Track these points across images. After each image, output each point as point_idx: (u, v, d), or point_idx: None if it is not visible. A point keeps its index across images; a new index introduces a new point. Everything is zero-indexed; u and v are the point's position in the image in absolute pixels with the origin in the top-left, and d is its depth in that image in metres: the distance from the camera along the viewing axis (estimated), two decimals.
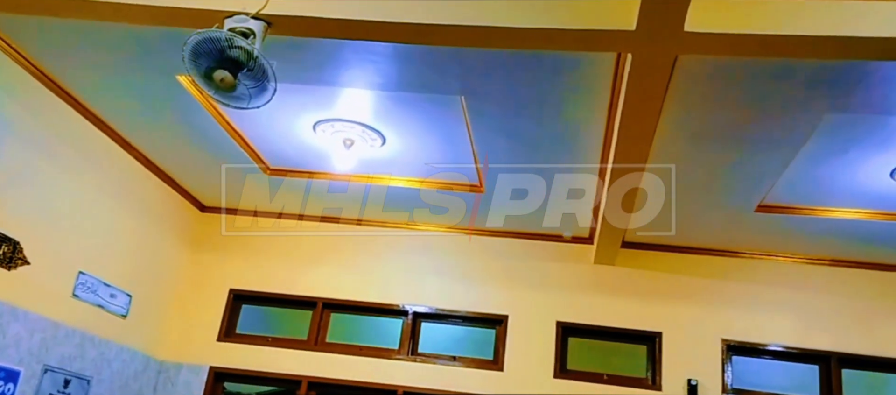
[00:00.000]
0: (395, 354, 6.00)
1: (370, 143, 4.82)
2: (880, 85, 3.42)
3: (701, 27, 2.94)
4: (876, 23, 2.81)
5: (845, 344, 5.58)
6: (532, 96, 3.99)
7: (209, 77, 3.10)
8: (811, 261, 5.86)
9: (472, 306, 6.08)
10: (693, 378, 5.56)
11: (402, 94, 4.16)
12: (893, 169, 4.26)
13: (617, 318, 5.89)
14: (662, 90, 3.45)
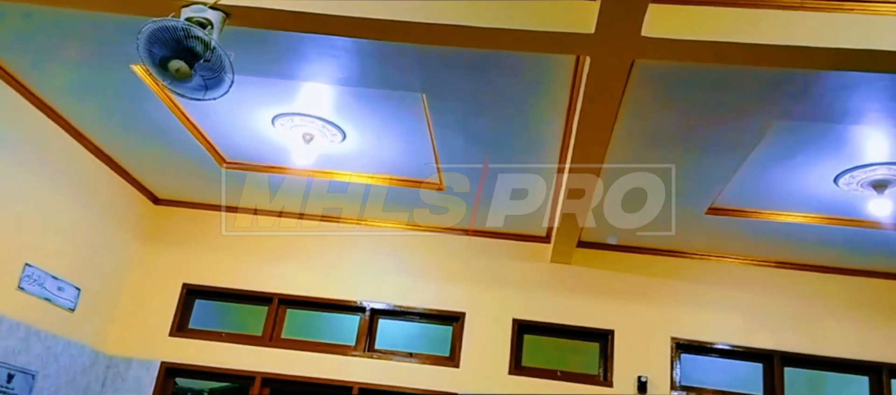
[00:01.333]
0: (351, 350, 5.98)
1: (330, 138, 4.79)
2: (826, 94, 3.55)
3: (657, 33, 3.02)
4: (823, 33, 2.92)
5: (788, 343, 5.78)
6: (493, 96, 4.03)
7: (164, 67, 3.04)
8: (758, 262, 6.04)
9: (430, 303, 6.10)
10: (643, 375, 5.69)
11: (363, 89, 4.15)
12: (837, 175, 4.42)
13: (571, 316, 5.98)
14: (619, 93, 3.52)
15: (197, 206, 6.46)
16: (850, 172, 4.35)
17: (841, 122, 3.80)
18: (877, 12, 2.90)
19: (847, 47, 2.91)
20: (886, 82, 3.35)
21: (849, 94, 3.52)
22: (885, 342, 5.70)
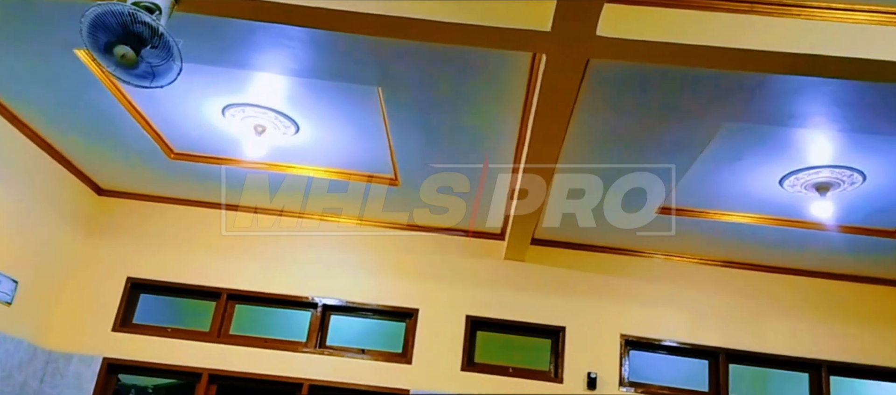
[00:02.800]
0: (301, 347, 5.90)
1: (283, 130, 4.71)
2: (773, 97, 3.63)
3: (612, 33, 3.04)
4: (771, 38, 2.99)
5: (733, 340, 5.92)
6: (449, 91, 4.01)
7: (109, 52, 2.94)
8: (705, 261, 6.18)
9: (383, 299, 6.06)
10: (592, 372, 5.76)
11: (318, 81, 4.08)
12: (782, 177, 4.54)
13: (524, 313, 6.02)
14: (574, 92, 3.54)
15: (143, 197, 6.28)
16: (795, 175, 4.47)
17: (787, 125, 3.90)
18: (823, 18, 2.97)
19: (794, 52, 2.97)
20: (831, 87, 3.44)
21: (795, 97, 3.61)
22: (824, 339, 5.89)
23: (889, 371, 5.81)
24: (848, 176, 4.39)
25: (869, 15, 2.95)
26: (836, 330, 5.93)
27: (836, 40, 2.95)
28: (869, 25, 2.96)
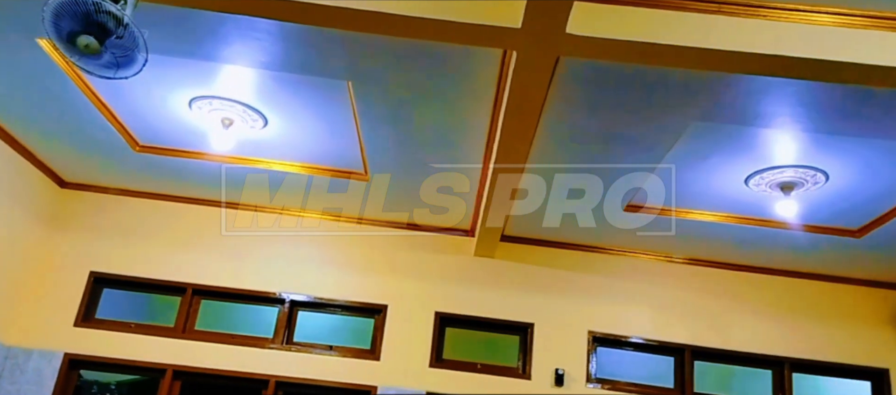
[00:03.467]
0: (268, 343, 5.84)
1: (251, 123, 4.65)
2: (740, 97, 3.68)
3: (582, 31, 3.06)
4: (738, 38, 3.03)
5: (698, 338, 6.00)
6: (420, 87, 3.99)
7: (72, 42, 2.87)
8: (671, 259, 6.25)
9: (352, 295, 6.02)
10: (560, 368, 5.80)
11: (287, 74, 4.03)
12: (748, 176, 4.61)
13: (493, 309, 6.03)
14: (544, 89, 3.55)
15: (107, 191, 6.17)
16: (760, 174, 4.55)
17: (753, 124, 3.96)
18: (788, 20, 3.02)
19: (759, 52, 3.02)
20: (795, 88, 3.50)
21: (761, 97, 3.67)
22: (787, 337, 6.00)
23: (849, 368, 5.94)
24: (811, 176, 4.48)
25: (832, 17, 3.00)
26: (799, 328, 6.04)
27: (800, 41, 3.00)
28: (832, 27, 3.01)
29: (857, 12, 3.00)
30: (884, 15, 2.99)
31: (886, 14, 2.99)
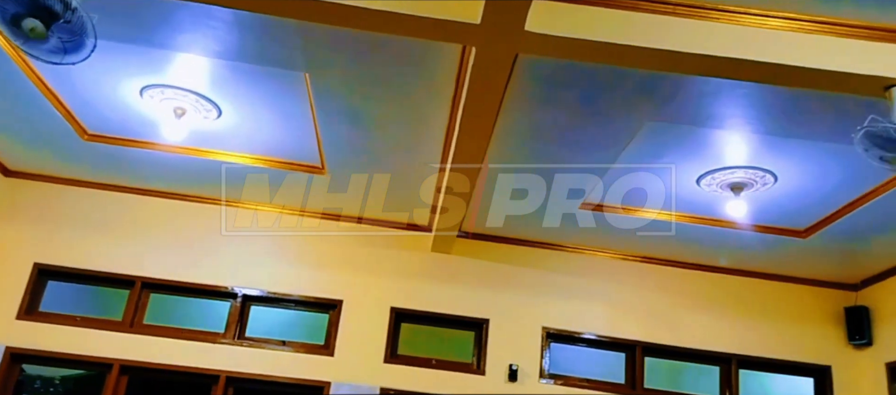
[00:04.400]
0: (220, 338, 5.74)
1: (204, 114, 4.55)
2: (693, 98, 3.75)
3: (540, 28, 3.08)
4: (691, 40, 3.08)
5: (650, 334, 6.11)
6: (379, 81, 3.96)
7: (17, 25, 2.78)
8: (625, 257, 6.34)
9: (307, 290, 5.96)
10: (514, 364, 5.84)
11: (242, 64, 3.96)
12: (700, 176, 4.70)
13: (449, 305, 6.03)
14: (502, 86, 3.56)
15: (54, 180, 5.98)
16: (712, 174, 4.64)
17: (705, 125, 4.04)
18: (740, 23, 3.09)
19: (711, 54, 3.08)
20: (746, 90, 3.58)
21: (713, 99, 3.74)
22: (735, 334, 6.15)
23: (793, 365, 6.12)
24: (761, 177, 4.59)
25: (782, 21, 3.08)
26: (746, 325, 6.20)
27: (751, 45, 3.07)
28: (782, 31, 3.09)
29: (806, 17, 3.08)
30: (832, 20, 3.07)
31: (834, 20, 3.07)
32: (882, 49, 3.10)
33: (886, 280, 5.94)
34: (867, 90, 3.18)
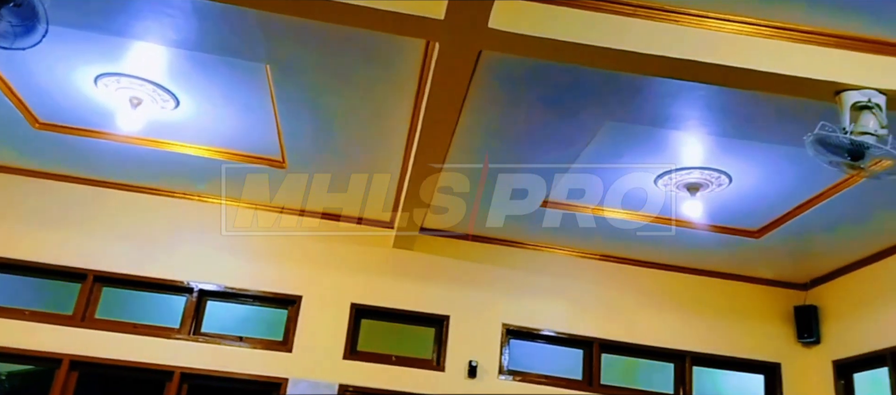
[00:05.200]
0: (174, 333, 5.63)
1: (161, 104, 4.46)
2: (652, 99, 3.81)
3: (504, 26, 3.09)
4: (651, 41, 3.12)
5: (607, 331, 6.19)
6: (341, 75, 3.93)
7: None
8: (584, 255, 6.41)
9: (265, 285, 5.89)
10: (473, 360, 5.86)
11: (201, 54, 3.89)
12: (657, 176, 4.78)
13: (410, 301, 6.02)
14: (466, 83, 3.57)
15: (2, 169, 5.81)
16: (669, 174, 4.72)
17: (663, 126, 4.11)
18: (699, 26, 3.14)
19: (671, 56, 3.13)
20: (704, 92, 3.65)
21: (671, 100, 3.80)
22: (688, 332, 6.28)
23: (745, 362, 6.27)
24: (716, 178, 4.69)
25: (739, 25, 3.15)
26: (700, 323, 6.33)
27: (708, 47, 3.13)
28: (739, 35, 3.15)
29: (762, 22, 3.15)
30: (787, 26, 3.15)
31: (789, 25, 3.15)
32: (833, 55, 3.19)
33: (834, 280, 6.12)
34: (818, 95, 3.27)
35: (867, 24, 3.09)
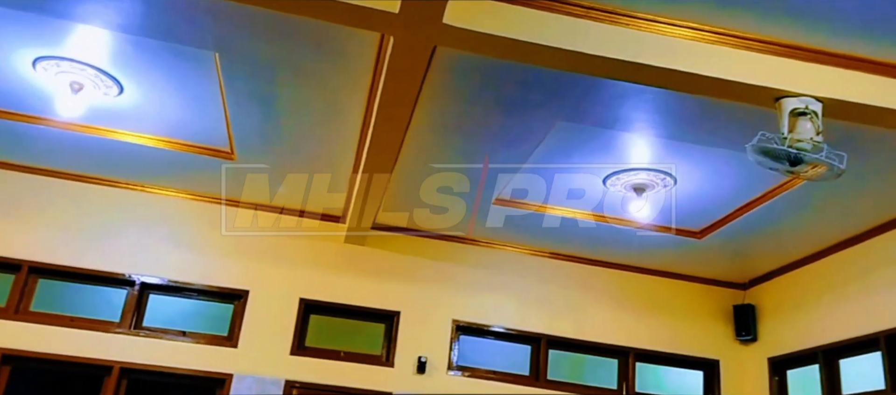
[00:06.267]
0: (114, 327, 5.47)
1: (104, 90, 4.32)
2: (602, 101, 3.87)
3: (458, 22, 3.09)
4: (601, 43, 3.17)
5: (554, 328, 6.28)
6: (293, 66, 3.87)
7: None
8: (534, 252, 6.48)
9: (212, 279, 5.78)
10: (423, 356, 5.87)
11: (147, 40, 3.77)
12: (606, 176, 4.86)
13: (361, 297, 5.99)
14: (420, 77, 3.55)
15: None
16: (617, 175, 4.81)
17: (613, 128, 4.18)
18: (648, 30, 3.20)
19: (621, 59, 3.18)
20: (651, 95, 3.73)
21: (620, 102, 3.87)
22: (633, 329, 6.41)
23: (686, 359, 6.44)
24: (662, 179, 4.80)
25: (686, 30, 3.22)
26: (644, 321, 6.47)
27: (657, 51, 3.19)
28: (685, 40, 3.23)
29: (708, 28, 3.23)
30: (731, 32, 3.24)
31: (733, 31, 3.24)
32: (774, 62, 3.29)
33: (771, 280, 6.35)
34: (759, 100, 3.38)
35: (806, 32, 3.20)
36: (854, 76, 3.34)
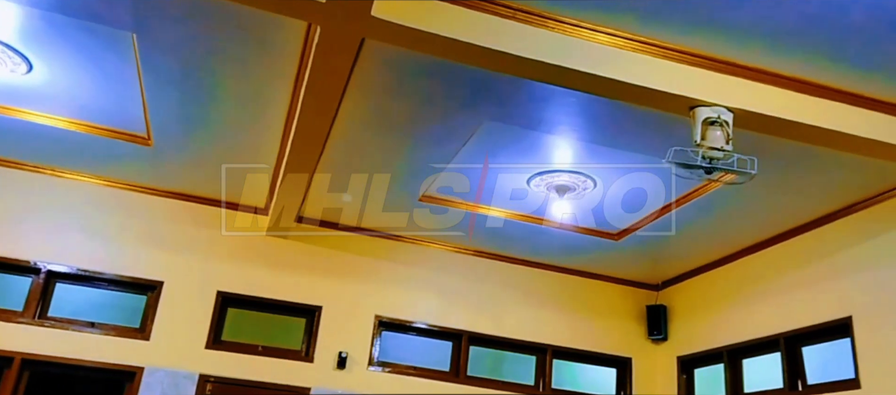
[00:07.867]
0: (16, 317, 5.20)
1: (11, 67, 4.09)
2: (527, 101, 3.94)
3: (387, 16, 3.08)
4: (525, 45, 3.22)
5: (475, 324, 6.35)
6: (216, 50, 3.77)
7: None
8: (458, 250, 6.54)
9: (124, 269, 5.57)
10: (344, 351, 5.82)
11: (60, 16, 3.60)
12: (530, 177, 4.95)
13: (282, 291, 5.89)
14: (347, 69, 3.53)
15: None
16: (540, 176, 4.91)
17: (537, 129, 4.26)
18: (572, 34, 3.27)
19: (545, 61, 3.24)
20: (574, 99, 3.82)
21: (544, 105, 3.95)
22: (551, 327, 6.56)
23: (600, 356, 6.64)
24: (583, 182, 4.92)
25: (608, 37, 3.31)
26: (562, 319, 6.63)
27: (580, 55, 3.27)
28: (609, 47, 3.32)
29: (630, 36, 3.33)
30: (650, 41, 3.35)
31: (655, 41, 3.35)
32: (690, 72, 3.43)
33: (682, 282, 6.62)
34: (674, 108, 3.51)
35: (722, 45, 3.35)
36: (764, 89, 3.52)
